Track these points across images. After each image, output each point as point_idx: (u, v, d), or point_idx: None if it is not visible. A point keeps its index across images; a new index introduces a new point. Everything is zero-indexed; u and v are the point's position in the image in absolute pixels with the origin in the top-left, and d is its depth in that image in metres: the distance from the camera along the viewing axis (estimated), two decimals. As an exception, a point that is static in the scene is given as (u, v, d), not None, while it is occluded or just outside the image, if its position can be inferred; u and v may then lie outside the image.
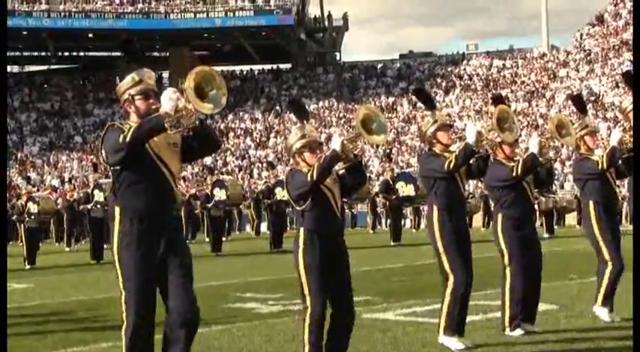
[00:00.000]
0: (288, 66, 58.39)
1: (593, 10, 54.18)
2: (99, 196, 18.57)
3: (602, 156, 7.72)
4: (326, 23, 58.93)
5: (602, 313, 7.72)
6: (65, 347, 7.30)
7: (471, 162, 6.77)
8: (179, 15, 54.33)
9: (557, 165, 31.89)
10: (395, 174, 22.06)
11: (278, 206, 20.27)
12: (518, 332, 7.11)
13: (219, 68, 59.08)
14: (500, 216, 7.34)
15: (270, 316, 8.85)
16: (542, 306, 7.61)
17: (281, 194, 19.67)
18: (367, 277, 12.15)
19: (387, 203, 22.19)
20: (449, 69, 53.48)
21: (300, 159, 5.94)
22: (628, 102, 8.33)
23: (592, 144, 7.88)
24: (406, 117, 48.31)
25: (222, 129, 49.82)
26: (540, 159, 7.12)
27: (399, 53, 61.26)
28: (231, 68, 58.48)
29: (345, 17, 58.96)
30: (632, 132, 7.94)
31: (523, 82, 49.15)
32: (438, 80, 52.06)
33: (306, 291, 5.82)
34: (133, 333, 5.02)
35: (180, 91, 4.84)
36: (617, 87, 43.90)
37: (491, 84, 49.92)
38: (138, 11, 54.16)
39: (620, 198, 24.75)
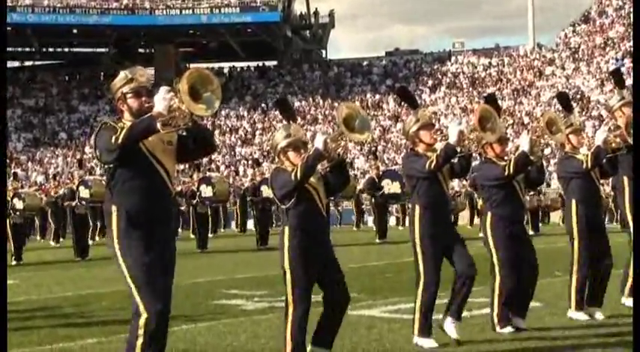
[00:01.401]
0: (274, 63, 58.34)
1: (579, 9, 54.47)
2: (84, 193, 18.52)
3: (587, 156, 7.72)
4: (312, 20, 58.92)
5: (577, 316, 7.76)
6: (51, 342, 7.29)
7: (454, 161, 6.76)
8: (164, 11, 54.21)
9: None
10: (380, 172, 22.10)
11: (264, 203, 20.28)
12: (508, 329, 7.12)
13: (204, 65, 59.19)
14: (489, 214, 7.30)
15: (255, 313, 8.86)
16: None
17: (267, 191, 19.69)
18: (353, 274, 12.13)
19: (373, 200, 22.21)
20: (435, 67, 53.60)
21: (285, 158, 5.97)
22: (615, 100, 8.33)
23: (577, 142, 7.91)
24: (392, 114, 48.39)
25: (208, 126, 49.75)
26: (531, 157, 7.09)
27: (385, 51, 61.31)
28: (216, 65, 58.38)
29: (331, 14, 59.00)
30: (617, 132, 7.96)
31: (509, 80, 49.31)
32: (424, 78, 52.16)
33: (289, 289, 5.86)
34: (151, 324, 4.94)
35: (175, 91, 4.82)
36: (603, 85, 44.12)
37: (477, 82, 50.06)
38: (123, 7, 54.03)
39: (604, 196, 24.85)
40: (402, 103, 48.06)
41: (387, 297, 9.57)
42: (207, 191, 19.97)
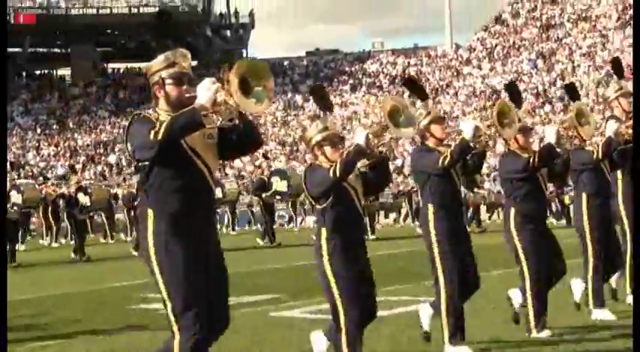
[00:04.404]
0: (194, 63, 57.85)
1: (494, 10, 55.44)
2: (16, 198, 18.11)
3: (598, 146, 7.28)
4: (232, 20, 58.65)
5: (600, 314, 7.38)
6: None
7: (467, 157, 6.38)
8: (81, 10, 53.21)
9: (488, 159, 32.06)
10: (269, 173, 21.99)
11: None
12: (546, 333, 6.69)
13: (122, 65, 58.36)
14: (513, 211, 6.80)
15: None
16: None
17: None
18: (273, 275, 12.13)
19: (261, 202, 21.43)
20: (355, 67, 53.93)
21: (320, 152, 5.48)
22: (612, 90, 7.99)
23: (585, 135, 7.36)
24: (313, 114, 48.50)
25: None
26: (558, 149, 6.67)
27: (305, 50, 61.39)
28: (135, 65, 57.59)
29: (251, 14, 58.81)
30: (628, 123, 7.56)
31: (428, 79, 49.91)
32: (345, 78, 52.43)
33: (337, 297, 5.34)
34: (193, 344, 4.32)
35: (222, 82, 4.28)
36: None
37: (397, 81, 50.57)
38: (37, 6, 52.85)
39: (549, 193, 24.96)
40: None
41: (309, 298, 9.57)
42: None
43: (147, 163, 4.41)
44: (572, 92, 7.64)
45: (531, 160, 6.67)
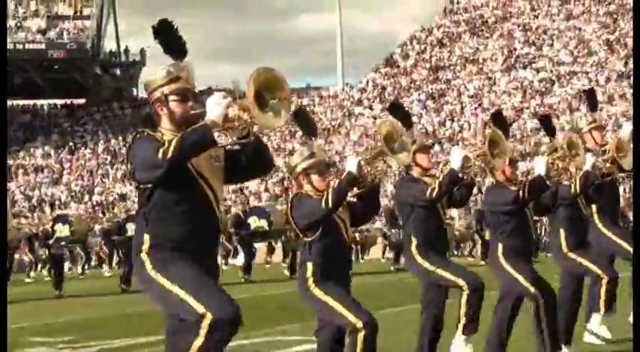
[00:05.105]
0: (83, 101, 56.74)
1: (385, 51, 56.62)
2: None
3: (575, 180, 7.03)
4: (122, 58, 57.96)
5: (599, 329, 7.30)
6: None
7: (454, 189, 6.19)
8: (-37, 45, 51.57)
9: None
10: (247, 209, 21.36)
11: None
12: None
13: (8, 102, 56.66)
14: (500, 246, 6.43)
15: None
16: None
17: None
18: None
19: (238, 237, 20.57)
20: (248, 106, 53.90)
21: (306, 181, 5.16)
22: (584, 122, 7.88)
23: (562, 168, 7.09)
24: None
25: (11, 166, 47.64)
26: (547, 182, 6.40)
27: (198, 89, 60.99)
28: (21, 102, 56.06)
29: (142, 52, 58.23)
30: (605, 156, 7.44)
31: (320, 119, 50.32)
32: (237, 117, 52.35)
33: (345, 313, 4.97)
34: (217, 326, 3.97)
35: (233, 96, 4.02)
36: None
37: (289, 121, 50.70)
38: None
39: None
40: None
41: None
42: (64, 230, 18.69)
43: (149, 185, 4.07)
44: (548, 125, 7.27)
45: (521, 193, 6.33)
